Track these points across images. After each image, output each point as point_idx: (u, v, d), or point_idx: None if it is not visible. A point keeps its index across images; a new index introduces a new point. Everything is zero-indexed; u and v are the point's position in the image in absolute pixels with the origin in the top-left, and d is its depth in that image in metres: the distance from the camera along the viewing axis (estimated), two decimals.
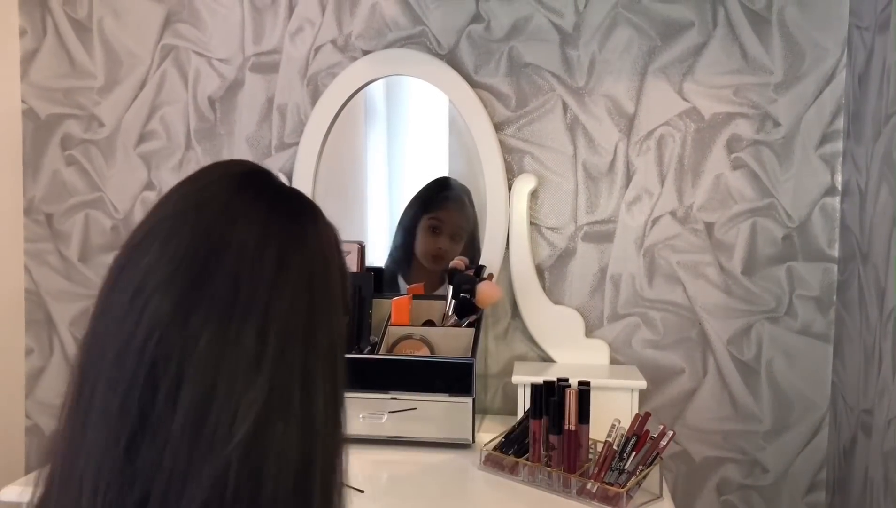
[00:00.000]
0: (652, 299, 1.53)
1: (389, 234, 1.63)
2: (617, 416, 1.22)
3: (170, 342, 0.52)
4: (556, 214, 1.55)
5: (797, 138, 1.48)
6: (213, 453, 0.51)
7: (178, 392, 0.51)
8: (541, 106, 1.54)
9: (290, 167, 1.59)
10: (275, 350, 0.54)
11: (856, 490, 1.34)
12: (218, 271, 0.54)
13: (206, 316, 0.52)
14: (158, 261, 0.54)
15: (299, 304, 0.56)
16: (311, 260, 0.59)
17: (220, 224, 0.56)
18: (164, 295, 0.53)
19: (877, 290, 1.28)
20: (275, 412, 0.53)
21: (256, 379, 0.52)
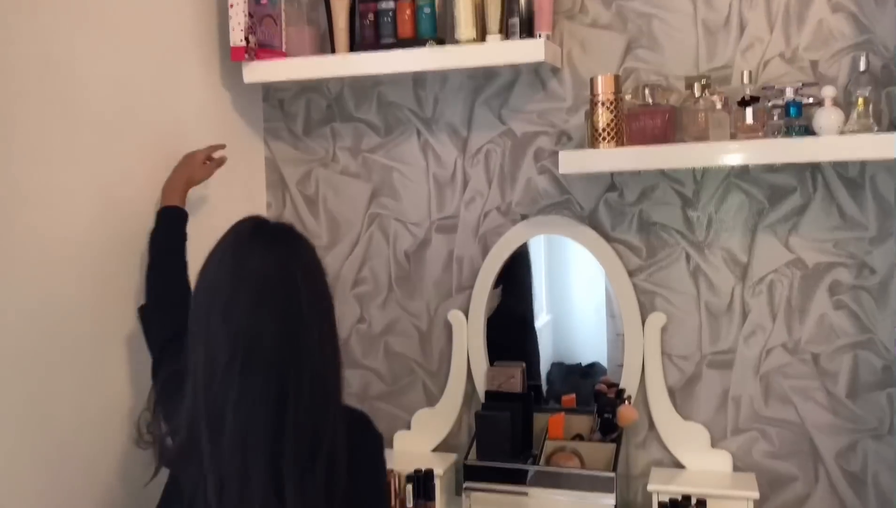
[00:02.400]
0: (768, 416, 1.83)
1: (547, 358, 2.04)
2: None
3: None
4: (684, 345, 1.89)
5: (892, 283, 1.74)
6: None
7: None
8: (667, 256, 1.89)
9: (467, 305, 2.03)
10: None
11: None
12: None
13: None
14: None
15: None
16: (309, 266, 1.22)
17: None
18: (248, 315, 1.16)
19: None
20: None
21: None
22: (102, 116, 1.60)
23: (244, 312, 1.14)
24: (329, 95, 2.11)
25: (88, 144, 1.56)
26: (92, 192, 1.57)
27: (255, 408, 1.12)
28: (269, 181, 2.18)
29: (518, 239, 1.99)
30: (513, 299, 2.06)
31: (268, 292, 1.15)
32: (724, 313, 1.86)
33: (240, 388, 1.12)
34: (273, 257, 1.17)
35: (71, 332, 1.51)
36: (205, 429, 1.14)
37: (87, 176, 1.56)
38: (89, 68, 1.57)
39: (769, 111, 1.68)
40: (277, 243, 1.19)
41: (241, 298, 1.15)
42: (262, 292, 1.15)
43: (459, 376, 2.02)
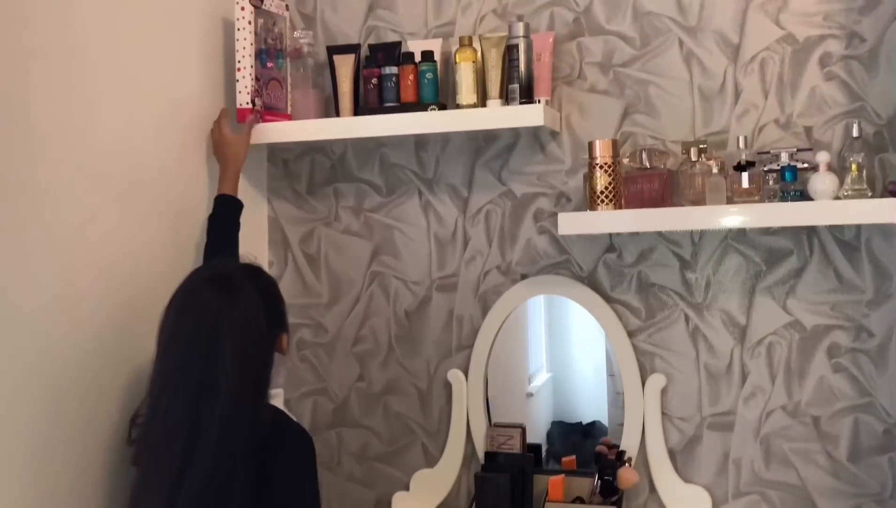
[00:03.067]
0: (770, 479, 1.82)
1: (547, 416, 2.03)
2: None
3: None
4: (684, 406, 1.88)
5: (890, 347, 1.75)
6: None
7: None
8: (666, 317, 1.90)
9: (467, 364, 2.03)
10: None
11: None
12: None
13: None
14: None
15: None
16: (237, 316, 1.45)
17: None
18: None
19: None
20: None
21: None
22: (110, 176, 1.62)
23: (179, 351, 1.42)
24: (333, 156, 2.15)
25: (96, 205, 1.59)
26: (99, 252, 1.59)
27: (168, 442, 1.39)
28: (271, 240, 2.20)
29: (518, 298, 2.00)
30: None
31: (198, 335, 1.41)
32: (724, 375, 1.86)
33: (163, 417, 1.40)
34: (209, 306, 1.42)
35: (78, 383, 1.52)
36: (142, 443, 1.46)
37: (95, 237, 1.58)
38: (97, 126, 1.60)
39: (765, 176, 1.72)
40: (219, 294, 1.44)
41: (178, 337, 1.43)
42: (193, 338, 1.42)
43: (459, 436, 2.01)
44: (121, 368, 1.63)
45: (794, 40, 1.81)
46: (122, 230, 1.65)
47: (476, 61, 1.88)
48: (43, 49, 1.47)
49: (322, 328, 2.17)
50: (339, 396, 2.15)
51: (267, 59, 1.95)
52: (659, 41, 1.89)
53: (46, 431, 1.46)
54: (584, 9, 1.94)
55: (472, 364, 2.02)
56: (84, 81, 1.56)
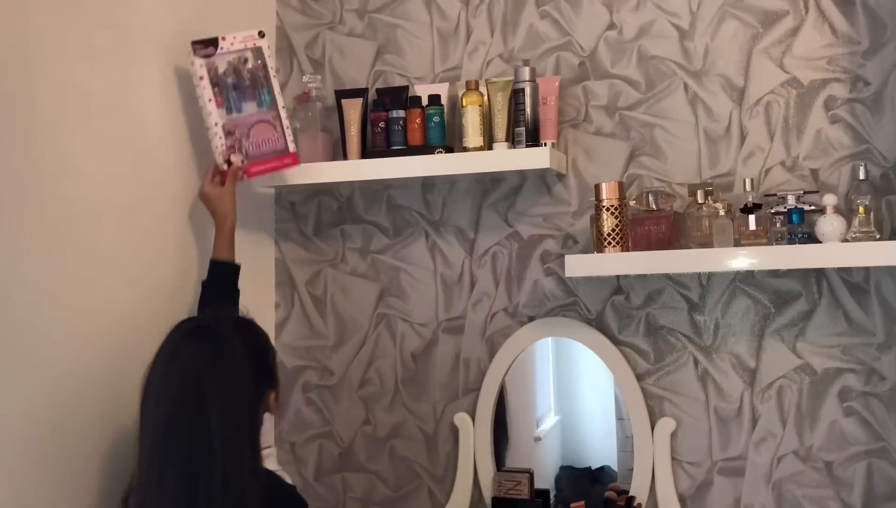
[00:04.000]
0: None
1: (556, 461, 2.00)
2: None
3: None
4: (694, 451, 1.86)
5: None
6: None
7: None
8: (675, 360, 1.88)
9: (474, 408, 2.01)
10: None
11: None
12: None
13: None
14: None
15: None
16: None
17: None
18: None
19: None
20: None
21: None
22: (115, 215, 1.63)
23: (164, 412, 1.36)
24: (340, 198, 2.15)
25: (105, 243, 1.59)
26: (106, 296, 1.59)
27: (167, 499, 1.33)
28: (278, 282, 2.20)
29: (525, 341, 1.99)
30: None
31: (182, 394, 1.36)
32: (734, 419, 1.84)
33: (156, 488, 1.33)
34: (193, 360, 1.37)
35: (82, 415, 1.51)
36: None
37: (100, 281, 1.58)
38: (108, 171, 1.61)
39: (772, 218, 1.72)
40: (203, 348, 1.39)
41: (163, 395, 1.37)
42: (178, 393, 1.37)
43: (466, 481, 1.98)
44: (105, 430, 1.58)
45: (799, 84, 1.83)
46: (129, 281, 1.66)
47: (482, 105, 1.90)
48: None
49: (328, 370, 2.15)
50: (344, 440, 2.13)
51: (242, 104, 1.80)
52: (664, 84, 1.91)
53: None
54: (590, 53, 1.96)
55: (479, 408, 2.00)
56: (73, 126, 1.55)
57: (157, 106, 1.78)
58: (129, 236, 1.67)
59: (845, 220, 1.65)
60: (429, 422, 2.06)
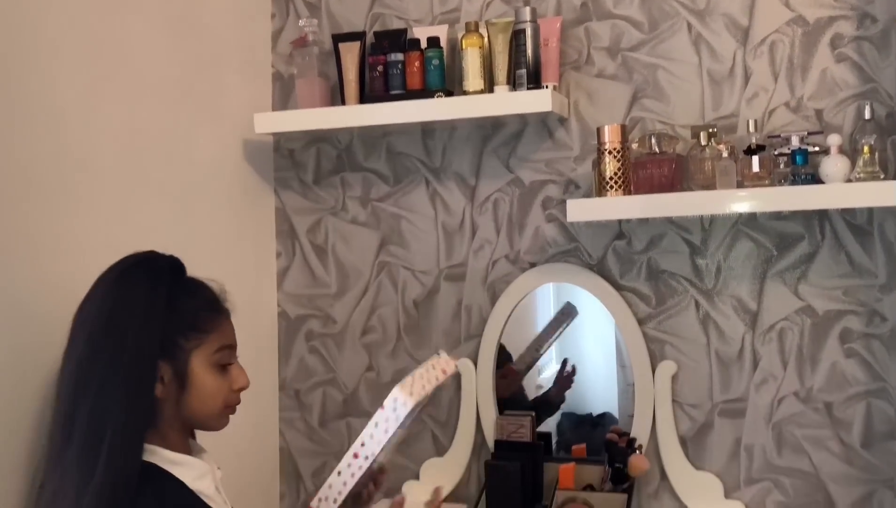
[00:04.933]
0: (781, 466, 1.81)
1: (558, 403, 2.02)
2: None
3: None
4: (695, 393, 1.87)
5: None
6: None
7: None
8: (677, 304, 1.88)
9: (476, 353, 2.02)
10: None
11: None
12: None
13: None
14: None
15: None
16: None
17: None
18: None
19: None
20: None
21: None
22: (115, 169, 1.62)
23: (69, 340, 1.22)
24: (339, 146, 2.13)
25: (101, 198, 1.58)
26: (104, 245, 1.58)
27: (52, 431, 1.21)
28: (278, 231, 2.20)
29: (526, 287, 1.99)
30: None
31: (77, 327, 1.22)
32: (735, 362, 1.85)
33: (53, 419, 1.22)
34: (99, 293, 1.23)
35: None
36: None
37: (100, 230, 1.57)
38: (102, 121, 1.59)
39: (775, 159, 1.70)
40: (110, 277, 1.24)
41: (73, 326, 1.23)
42: (77, 324, 1.23)
43: (468, 425, 2.00)
44: None
45: (805, 22, 1.79)
46: (127, 224, 1.65)
47: (482, 47, 1.87)
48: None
49: (330, 318, 2.16)
50: (348, 386, 2.14)
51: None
52: (667, 25, 1.87)
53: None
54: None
55: (481, 354, 2.01)
56: (88, 71, 1.55)
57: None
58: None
59: (849, 160, 1.63)
60: None
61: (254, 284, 2.13)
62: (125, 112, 1.65)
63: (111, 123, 1.62)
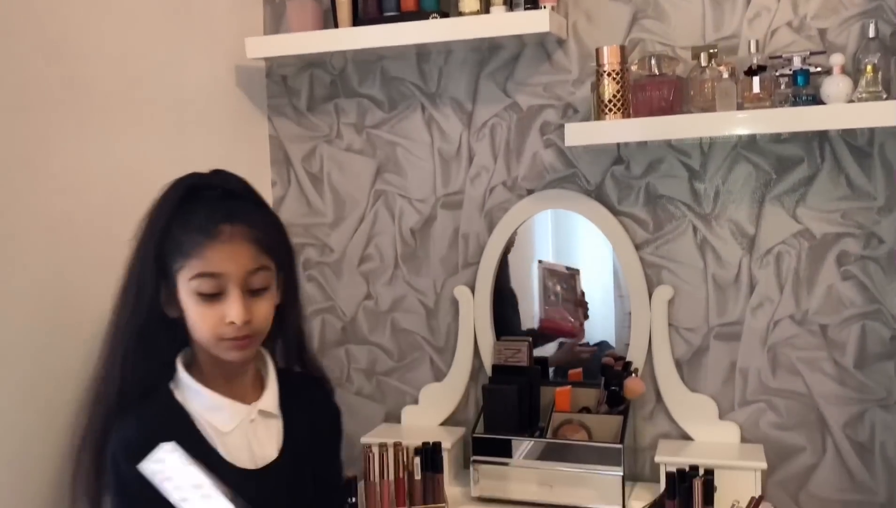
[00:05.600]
0: (776, 388, 1.83)
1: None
2: (743, 491, 1.58)
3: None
4: (691, 317, 1.88)
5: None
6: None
7: None
8: (674, 229, 1.88)
9: (473, 280, 2.03)
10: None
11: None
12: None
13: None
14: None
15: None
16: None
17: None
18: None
19: None
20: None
21: None
22: (106, 98, 1.59)
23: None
24: (332, 71, 2.10)
25: (93, 126, 1.56)
26: (96, 174, 1.57)
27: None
28: (273, 159, 2.17)
29: (524, 214, 1.98)
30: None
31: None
32: (732, 285, 1.85)
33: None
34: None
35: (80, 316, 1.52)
36: None
37: (92, 159, 1.55)
38: (94, 46, 1.56)
39: (776, 80, 1.67)
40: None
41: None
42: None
43: (466, 351, 2.02)
44: None
45: None
46: (119, 148, 1.63)
47: None
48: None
49: (327, 247, 2.15)
50: (346, 314, 2.15)
51: None
52: None
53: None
54: None
55: (478, 281, 2.01)
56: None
57: None
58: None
59: (852, 81, 1.61)
60: (429, 296, 2.08)
61: None
62: (115, 40, 1.62)
63: (101, 51, 1.58)
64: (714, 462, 1.67)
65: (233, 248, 1.17)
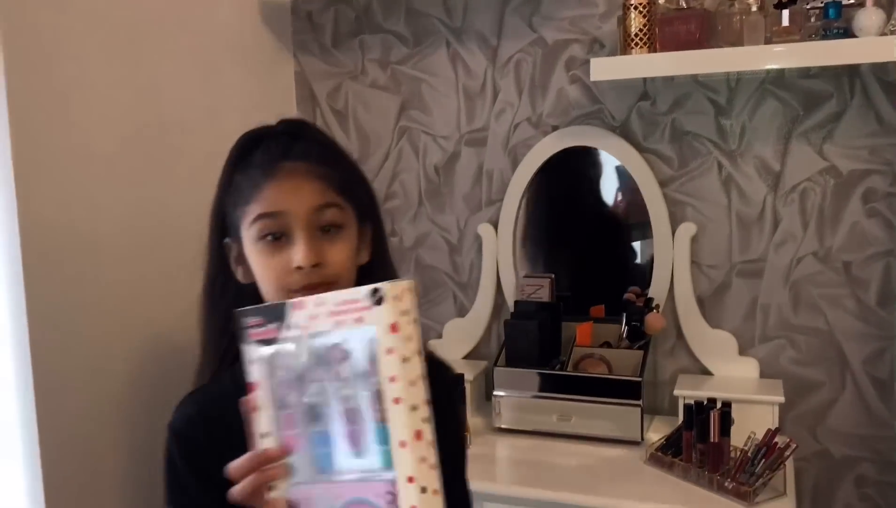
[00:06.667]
0: (796, 324, 1.84)
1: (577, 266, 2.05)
2: (760, 424, 1.60)
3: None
4: (714, 254, 1.89)
5: None
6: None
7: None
8: (699, 166, 1.88)
9: (497, 218, 2.04)
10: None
11: None
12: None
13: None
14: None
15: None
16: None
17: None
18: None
19: None
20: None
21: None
22: (132, 30, 1.60)
23: None
24: (357, 6, 2.09)
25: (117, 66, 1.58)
26: (122, 115, 1.59)
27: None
28: (299, 96, 2.18)
29: (548, 151, 1.98)
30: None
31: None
32: (755, 223, 1.85)
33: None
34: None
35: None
36: None
37: (118, 100, 1.58)
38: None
39: (807, 13, 1.64)
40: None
41: None
42: None
43: (489, 287, 2.05)
44: None
45: None
46: (143, 90, 1.65)
47: None
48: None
49: None
50: None
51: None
52: None
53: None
54: None
55: (501, 218, 2.03)
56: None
57: None
58: None
59: (885, 13, 1.57)
60: (453, 233, 2.10)
61: None
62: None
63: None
64: (732, 396, 1.69)
65: (294, 183, 1.00)
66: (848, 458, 1.83)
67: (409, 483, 0.73)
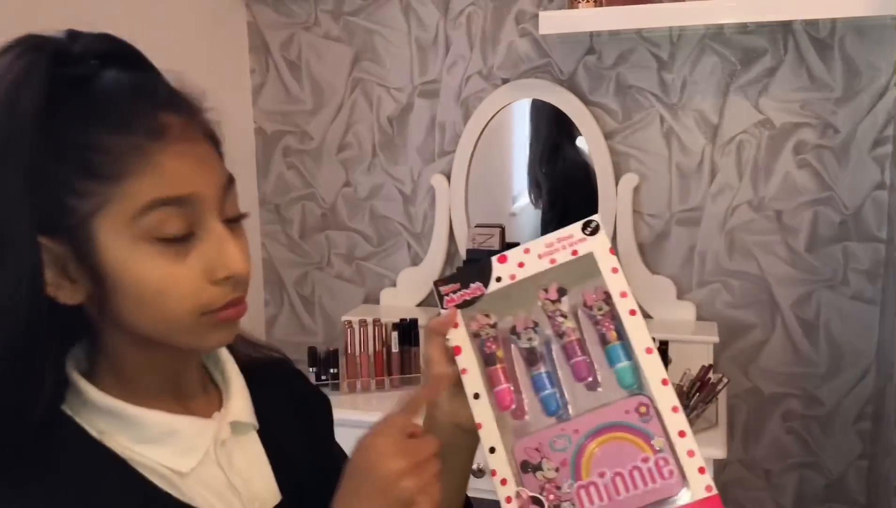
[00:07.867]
0: (731, 270, 1.95)
1: (527, 216, 2.12)
2: (696, 363, 1.70)
3: None
4: (655, 203, 1.98)
5: (853, 143, 1.83)
6: None
7: None
8: (642, 119, 1.95)
9: (449, 169, 2.10)
10: None
11: (890, 419, 1.74)
12: None
13: None
14: None
15: None
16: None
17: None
18: None
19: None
20: None
21: None
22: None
23: None
24: None
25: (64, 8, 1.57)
26: None
27: None
28: (251, 46, 2.19)
29: (499, 103, 2.04)
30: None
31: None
32: (694, 173, 1.94)
33: None
34: None
35: None
36: None
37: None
38: None
39: None
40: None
41: None
42: None
43: (442, 237, 2.11)
44: None
45: None
46: None
47: None
48: None
49: (307, 134, 2.20)
50: (326, 201, 2.22)
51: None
52: None
53: None
54: None
55: (454, 169, 2.09)
56: None
57: None
58: None
59: None
60: (406, 183, 2.15)
61: (229, 100, 2.15)
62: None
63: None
64: (669, 337, 1.80)
65: (195, 151, 0.67)
66: (776, 395, 1.96)
67: (664, 386, 0.73)
